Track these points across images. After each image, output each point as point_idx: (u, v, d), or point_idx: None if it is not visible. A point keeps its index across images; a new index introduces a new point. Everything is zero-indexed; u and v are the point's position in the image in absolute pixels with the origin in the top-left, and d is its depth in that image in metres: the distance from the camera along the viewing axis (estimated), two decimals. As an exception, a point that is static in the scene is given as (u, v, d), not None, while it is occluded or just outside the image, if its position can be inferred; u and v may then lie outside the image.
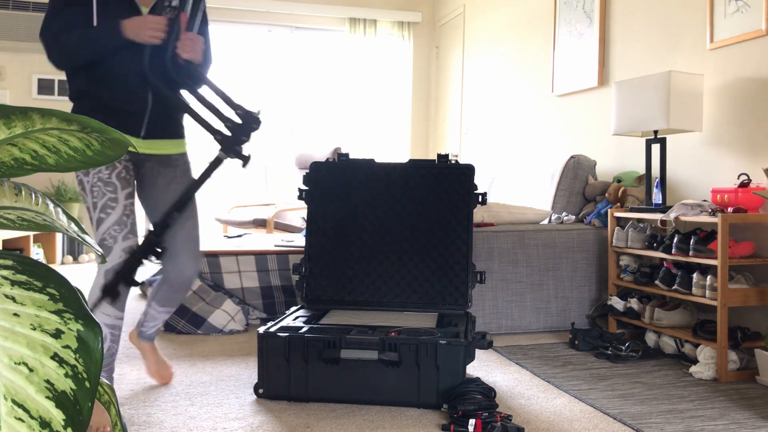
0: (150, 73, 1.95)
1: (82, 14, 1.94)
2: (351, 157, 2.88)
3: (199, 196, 2.26)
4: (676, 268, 2.89)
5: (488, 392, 2.20)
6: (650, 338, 3.05)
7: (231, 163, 2.12)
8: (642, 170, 3.60)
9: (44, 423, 0.72)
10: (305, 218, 2.78)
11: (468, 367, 2.68)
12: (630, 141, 3.73)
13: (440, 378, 2.19)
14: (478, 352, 2.94)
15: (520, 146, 5.07)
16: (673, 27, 3.43)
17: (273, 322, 2.44)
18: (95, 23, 1.93)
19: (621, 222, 3.40)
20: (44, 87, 6.09)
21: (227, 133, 1.91)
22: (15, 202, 1.01)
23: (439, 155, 2.80)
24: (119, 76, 2.00)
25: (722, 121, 3.09)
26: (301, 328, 2.35)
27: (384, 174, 2.81)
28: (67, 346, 0.77)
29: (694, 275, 2.76)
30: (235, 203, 6.38)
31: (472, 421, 1.95)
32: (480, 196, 2.78)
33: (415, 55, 7.00)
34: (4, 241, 5.22)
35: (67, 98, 6.13)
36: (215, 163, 1.90)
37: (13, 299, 0.78)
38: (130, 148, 1.72)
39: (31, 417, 0.72)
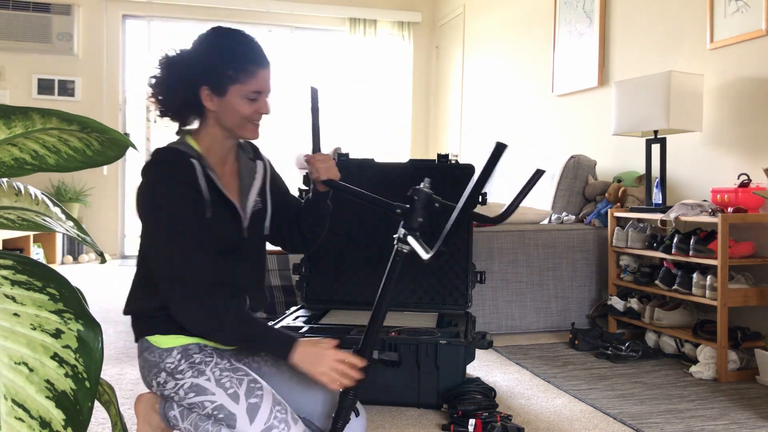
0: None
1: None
2: (351, 157, 2.88)
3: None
4: (676, 268, 2.89)
5: (488, 392, 2.20)
6: (650, 338, 3.05)
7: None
8: (642, 170, 3.60)
9: (44, 423, 0.72)
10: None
11: (468, 367, 2.68)
12: (630, 141, 3.73)
13: (440, 378, 2.19)
14: (478, 352, 2.94)
15: (520, 146, 5.07)
16: (673, 27, 3.43)
17: (273, 322, 2.44)
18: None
19: (621, 222, 3.40)
20: (44, 87, 6.09)
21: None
22: (15, 202, 1.01)
23: (439, 155, 2.80)
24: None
25: (722, 121, 3.09)
26: (301, 327, 2.35)
27: (384, 174, 2.81)
28: (67, 346, 0.77)
29: (694, 275, 2.76)
30: (235, 203, 6.37)
31: (472, 421, 1.95)
32: (480, 196, 2.78)
33: (415, 55, 7.00)
34: (4, 241, 5.22)
35: (66, 98, 6.13)
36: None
37: (14, 299, 0.78)
38: None
39: (31, 417, 0.72)
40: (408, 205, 1.52)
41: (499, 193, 4.44)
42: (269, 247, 1.83)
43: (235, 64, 1.52)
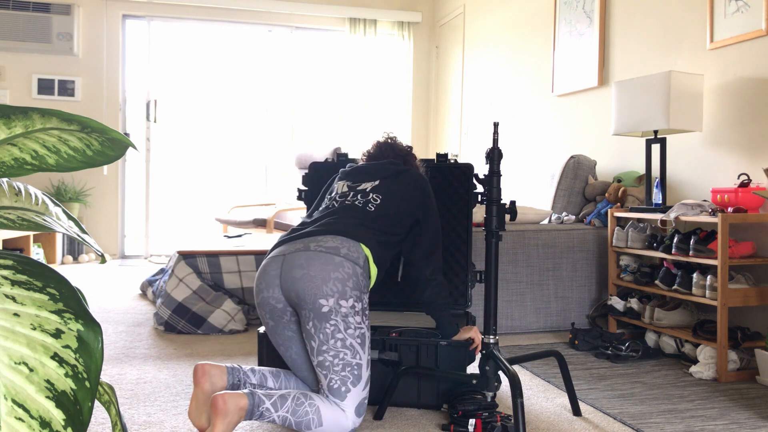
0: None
1: None
2: (351, 157, 2.88)
3: (199, 195, 2.22)
4: (676, 268, 2.89)
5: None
6: (650, 338, 3.05)
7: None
8: (642, 170, 3.60)
9: (44, 423, 0.72)
10: (305, 218, 2.77)
11: (468, 367, 2.68)
12: (630, 141, 3.73)
13: (440, 378, 2.19)
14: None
15: (520, 146, 5.07)
16: (673, 27, 3.43)
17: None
18: None
19: (621, 222, 3.40)
20: (44, 87, 6.09)
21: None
22: (15, 202, 1.01)
23: (438, 155, 2.79)
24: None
25: (722, 121, 3.09)
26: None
27: (384, 174, 2.81)
28: (67, 346, 0.77)
29: (694, 275, 2.76)
30: (235, 203, 6.38)
31: (472, 421, 1.95)
32: (479, 196, 2.78)
33: (415, 55, 7.00)
34: (4, 241, 5.22)
35: (66, 98, 6.13)
36: None
37: (14, 299, 0.78)
38: None
39: (32, 417, 0.72)
40: None
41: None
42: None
43: None
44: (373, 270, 1.95)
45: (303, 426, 1.78)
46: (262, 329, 2.30)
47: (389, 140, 2.42)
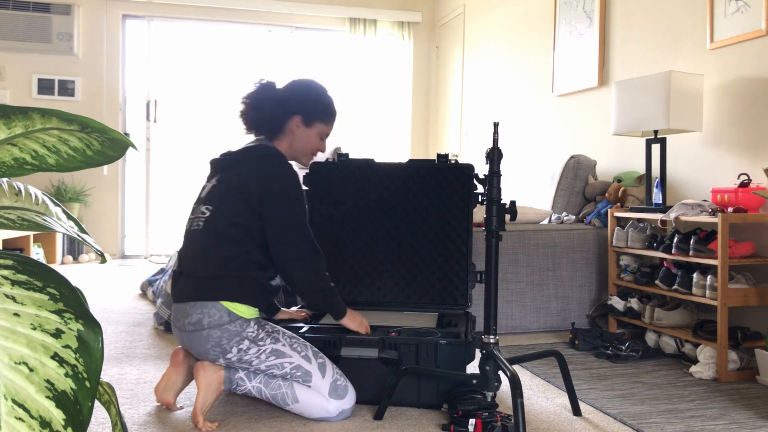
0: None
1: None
2: (351, 157, 2.88)
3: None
4: (676, 268, 2.89)
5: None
6: (650, 338, 3.05)
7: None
8: (642, 170, 3.60)
9: (44, 423, 0.72)
10: (305, 218, 2.77)
11: (468, 367, 2.68)
12: (630, 141, 3.73)
13: (440, 378, 2.19)
14: (478, 352, 2.94)
15: (520, 146, 5.07)
16: (673, 27, 3.43)
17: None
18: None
19: (621, 222, 3.40)
20: (44, 87, 6.09)
21: None
22: (15, 202, 1.01)
23: (438, 155, 2.79)
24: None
25: (722, 121, 3.09)
26: (301, 327, 2.35)
27: (384, 174, 2.81)
28: (67, 346, 0.77)
29: (694, 275, 2.76)
30: (235, 203, 6.36)
31: (472, 421, 1.95)
32: (480, 196, 2.77)
33: (415, 55, 7.00)
34: (4, 241, 5.22)
35: (66, 98, 6.13)
36: None
37: (14, 299, 0.78)
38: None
39: (32, 417, 0.72)
40: None
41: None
42: None
43: (327, 109, 2.18)
44: (244, 308, 1.99)
45: (279, 400, 1.96)
46: (262, 329, 2.31)
47: None
